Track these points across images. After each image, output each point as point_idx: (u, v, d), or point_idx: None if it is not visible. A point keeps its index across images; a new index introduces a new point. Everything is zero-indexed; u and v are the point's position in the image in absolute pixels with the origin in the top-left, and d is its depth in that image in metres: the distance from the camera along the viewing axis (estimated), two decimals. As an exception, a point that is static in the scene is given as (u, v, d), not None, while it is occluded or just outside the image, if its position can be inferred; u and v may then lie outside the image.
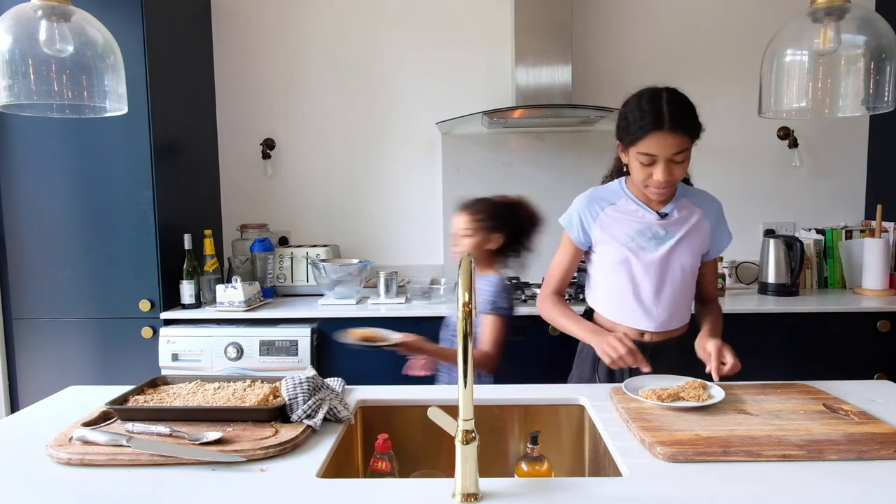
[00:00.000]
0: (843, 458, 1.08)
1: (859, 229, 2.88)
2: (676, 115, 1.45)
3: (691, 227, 1.59)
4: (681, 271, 1.58)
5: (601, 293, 1.67)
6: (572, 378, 1.74)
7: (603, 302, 1.67)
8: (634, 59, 3.00)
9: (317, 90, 3.07)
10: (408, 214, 3.11)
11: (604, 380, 1.62)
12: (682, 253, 1.58)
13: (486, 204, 1.93)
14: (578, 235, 1.64)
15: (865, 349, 2.46)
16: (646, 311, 1.59)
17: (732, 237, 1.69)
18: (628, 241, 1.58)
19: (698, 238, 1.60)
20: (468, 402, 0.96)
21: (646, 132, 1.45)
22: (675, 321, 1.61)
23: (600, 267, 1.65)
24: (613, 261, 1.60)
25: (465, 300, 0.96)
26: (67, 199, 2.50)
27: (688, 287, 1.62)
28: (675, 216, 1.59)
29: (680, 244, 1.58)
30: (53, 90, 1.36)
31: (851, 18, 1.34)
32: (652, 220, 1.59)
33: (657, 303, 1.58)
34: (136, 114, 2.37)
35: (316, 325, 2.51)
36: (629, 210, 1.60)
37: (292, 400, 1.25)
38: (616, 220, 1.60)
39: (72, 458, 1.10)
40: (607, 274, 1.63)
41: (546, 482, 1.04)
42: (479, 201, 1.94)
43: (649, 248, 1.57)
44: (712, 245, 1.65)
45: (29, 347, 2.57)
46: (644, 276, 1.58)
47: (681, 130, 1.45)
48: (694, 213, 1.61)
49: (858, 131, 3.01)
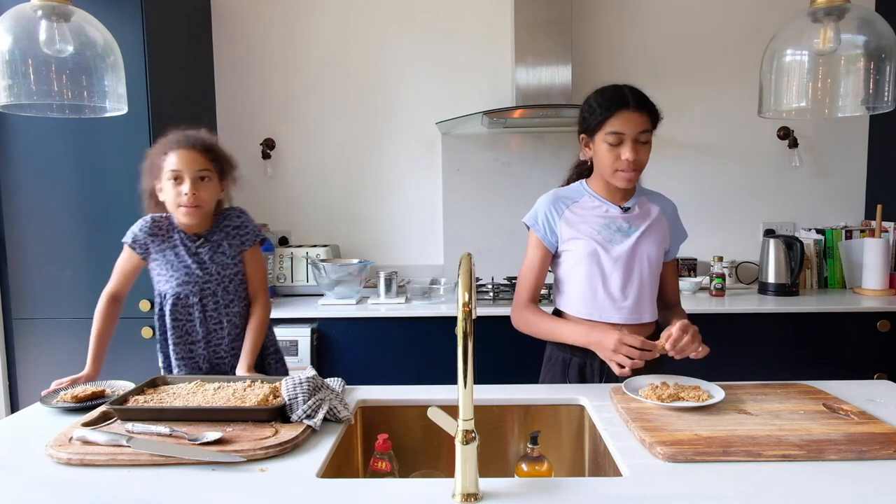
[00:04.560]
0: (843, 457, 1.08)
1: (859, 229, 2.88)
2: (639, 97, 1.55)
3: (653, 221, 1.64)
4: (647, 262, 1.61)
5: (571, 290, 1.65)
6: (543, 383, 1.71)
7: (573, 299, 1.65)
8: (634, 60, 3.00)
9: (317, 90, 3.07)
10: (408, 214, 3.12)
11: (575, 381, 1.62)
12: (648, 245, 1.61)
13: (212, 139, 1.70)
14: (545, 234, 1.64)
15: (865, 349, 2.46)
16: (614, 304, 1.60)
17: (688, 235, 1.75)
18: (595, 233, 1.61)
19: (660, 231, 1.65)
20: (468, 402, 0.96)
21: (612, 112, 1.53)
22: (646, 314, 1.63)
23: (569, 264, 1.64)
24: (582, 254, 1.61)
25: (465, 300, 0.96)
26: (67, 199, 2.50)
27: (654, 279, 1.65)
28: (637, 210, 1.64)
29: (644, 236, 1.61)
30: (53, 90, 1.36)
31: (851, 18, 1.34)
32: (616, 213, 1.63)
33: (626, 295, 1.60)
34: (136, 114, 2.37)
35: (316, 325, 2.51)
36: (593, 206, 1.64)
37: (292, 400, 1.25)
38: (581, 217, 1.63)
39: (72, 458, 1.10)
40: (576, 269, 1.63)
41: (546, 482, 1.04)
42: (200, 135, 1.68)
43: (616, 241, 1.60)
44: (671, 242, 1.69)
45: (29, 347, 2.57)
46: (613, 268, 1.59)
47: (645, 110, 1.53)
48: (652, 209, 1.66)
49: (858, 131, 3.01)
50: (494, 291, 2.66)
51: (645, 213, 1.64)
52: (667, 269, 1.71)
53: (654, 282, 1.65)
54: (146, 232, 1.69)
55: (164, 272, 1.70)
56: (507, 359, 2.46)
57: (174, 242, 1.69)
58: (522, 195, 2.99)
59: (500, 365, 2.45)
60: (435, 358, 2.43)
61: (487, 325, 2.46)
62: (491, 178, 3.02)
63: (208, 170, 1.64)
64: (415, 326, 2.50)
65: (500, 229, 3.03)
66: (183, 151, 1.62)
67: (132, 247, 1.70)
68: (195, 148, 1.63)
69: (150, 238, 1.69)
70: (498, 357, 2.44)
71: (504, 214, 3.02)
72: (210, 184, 1.65)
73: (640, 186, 1.70)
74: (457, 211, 3.05)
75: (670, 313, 1.69)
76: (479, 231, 3.04)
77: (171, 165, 1.62)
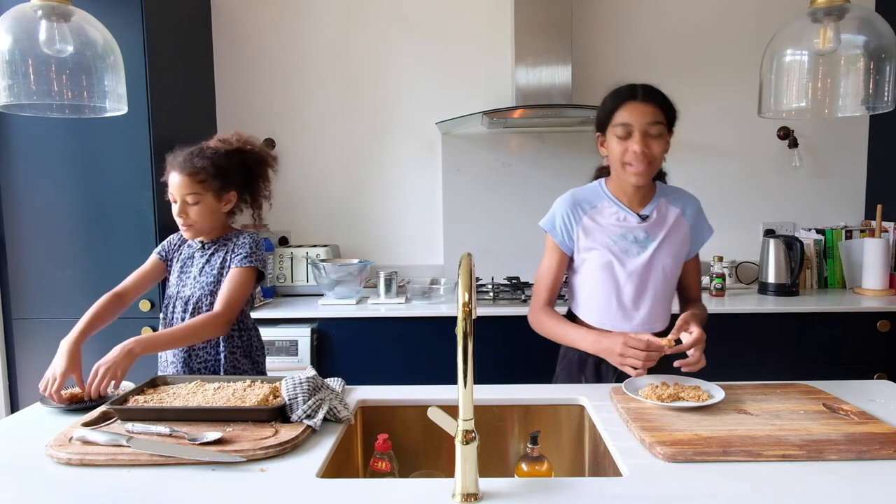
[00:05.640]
0: (842, 458, 1.08)
1: (859, 229, 2.88)
2: (649, 89, 1.54)
3: (671, 228, 1.61)
4: (662, 274, 1.60)
5: (584, 298, 1.66)
6: (557, 381, 1.72)
7: (585, 307, 1.66)
8: (634, 59, 3.00)
9: (317, 90, 3.08)
10: (408, 214, 3.12)
11: (591, 380, 1.62)
12: (664, 256, 1.59)
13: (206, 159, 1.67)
14: (563, 239, 1.64)
15: (865, 349, 2.46)
16: (626, 315, 1.60)
17: (713, 231, 1.70)
18: (611, 244, 1.59)
19: (679, 238, 1.62)
20: (468, 402, 0.96)
21: (619, 103, 1.54)
22: (658, 323, 1.62)
23: (584, 273, 1.65)
24: (596, 265, 1.60)
25: (465, 300, 0.96)
26: (67, 199, 2.50)
27: (669, 288, 1.64)
28: (655, 217, 1.61)
29: (661, 247, 1.59)
30: (53, 90, 1.36)
31: (851, 18, 1.34)
32: (633, 223, 1.60)
33: (638, 307, 1.60)
34: (136, 114, 2.37)
35: (316, 325, 2.51)
36: (610, 213, 1.62)
37: (292, 400, 1.25)
38: (599, 225, 1.61)
39: (72, 458, 1.10)
40: (590, 279, 1.63)
41: (546, 482, 1.04)
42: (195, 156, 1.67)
43: (632, 253, 1.59)
44: (693, 242, 1.66)
45: (29, 347, 2.57)
46: (626, 281, 1.59)
47: (653, 101, 1.52)
48: (672, 212, 1.63)
49: (858, 131, 3.01)
50: (494, 291, 2.65)
51: (663, 220, 1.61)
52: (687, 266, 1.68)
53: (669, 291, 1.64)
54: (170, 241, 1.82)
55: (172, 277, 1.77)
56: (507, 359, 2.46)
57: (192, 251, 1.78)
58: (522, 195, 3.00)
59: (500, 365, 2.45)
60: (435, 358, 2.43)
61: (487, 325, 2.46)
62: (491, 178, 3.02)
63: (196, 193, 1.65)
64: (415, 326, 2.50)
65: (500, 229, 3.03)
66: (173, 174, 1.67)
67: (159, 253, 1.80)
68: (183, 171, 1.65)
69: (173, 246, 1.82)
70: (498, 357, 2.45)
71: (504, 214, 3.02)
72: (201, 206, 1.67)
73: (660, 185, 1.66)
74: (457, 211, 3.05)
75: (688, 306, 1.68)
76: (479, 231, 3.04)
77: (169, 186, 1.68)
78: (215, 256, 1.73)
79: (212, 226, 1.72)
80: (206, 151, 1.69)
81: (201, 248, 1.76)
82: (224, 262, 1.72)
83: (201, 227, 1.70)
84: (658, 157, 1.54)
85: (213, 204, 1.69)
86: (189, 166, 1.65)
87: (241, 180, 1.76)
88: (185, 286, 1.72)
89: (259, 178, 1.80)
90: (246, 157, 1.76)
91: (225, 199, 1.72)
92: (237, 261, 1.69)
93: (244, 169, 1.76)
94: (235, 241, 1.73)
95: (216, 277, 1.70)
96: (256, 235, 1.77)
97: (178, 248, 1.80)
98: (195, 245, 1.77)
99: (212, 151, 1.69)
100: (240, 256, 1.69)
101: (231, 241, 1.74)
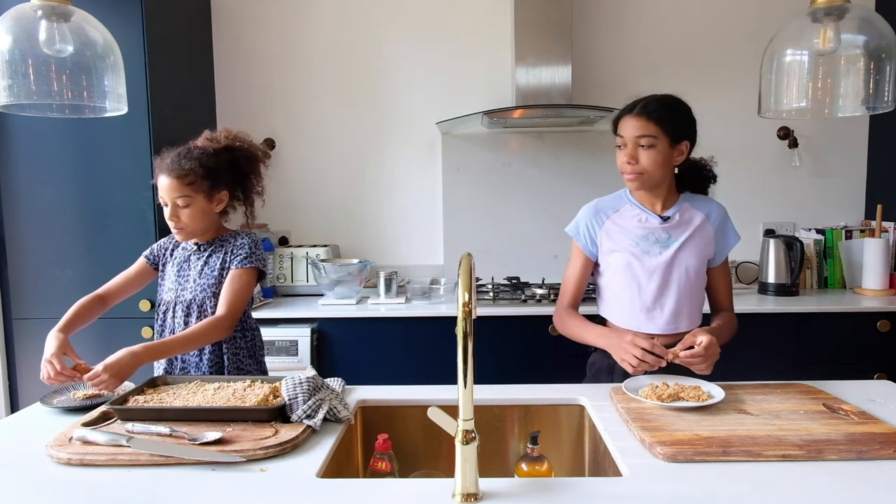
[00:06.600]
0: (842, 457, 1.08)
1: (859, 229, 2.88)
2: (647, 104, 1.56)
3: (695, 231, 1.62)
4: (686, 274, 1.60)
5: (610, 300, 1.70)
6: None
7: (612, 308, 1.69)
8: (634, 60, 3.00)
9: (317, 90, 3.07)
10: (408, 214, 3.11)
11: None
12: (687, 256, 1.60)
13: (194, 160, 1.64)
14: (587, 244, 1.69)
15: (865, 349, 2.46)
16: (649, 315, 1.61)
17: (740, 237, 1.71)
18: (632, 245, 1.62)
19: (703, 241, 1.63)
20: (468, 402, 0.96)
21: (619, 118, 1.61)
22: (684, 324, 1.62)
23: (607, 276, 1.68)
24: (618, 266, 1.63)
25: (465, 300, 0.96)
26: (67, 199, 2.50)
27: (694, 289, 1.63)
28: (677, 219, 1.63)
29: (684, 247, 1.60)
30: (53, 90, 1.36)
31: (851, 18, 1.34)
32: (655, 224, 1.62)
33: (660, 306, 1.60)
34: (136, 114, 2.37)
35: (316, 325, 2.51)
36: (632, 215, 1.65)
37: (292, 400, 1.25)
38: (621, 228, 1.65)
39: (72, 458, 1.10)
40: (613, 281, 1.66)
41: (546, 482, 1.04)
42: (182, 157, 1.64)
43: (653, 253, 1.61)
44: (718, 248, 1.66)
45: (29, 347, 2.56)
46: (647, 281, 1.60)
47: (646, 116, 1.55)
48: (697, 216, 1.64)
49: (858, 131, 3.01)
50: (494, 291, 2.65)
51: (686, 222, 1.63)
52: (713, 274, 1.69)
53: (695, 292, 1.63)
54: (161, 245, 1.80)
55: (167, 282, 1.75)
56: (507, 359, 2.46)
57: (187, 253, 1.75)
58: (522, 195, 3.00)
59: (500, 365, 2.45)
60: (435, 358, 2.43)
61: (487, 325, 2.46)
62: (491, 178, 3.02)
63: (186, 195, 1.63)
64: (415, 326, 2.50)
65: (500, 229, 3.03)
66: (162, 178, 1.64)
67: (147, 257, 1.78)
68: (171, 174, 1.62)
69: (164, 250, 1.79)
70: (498, 357, 2.45)
71: (504, 214, 3.02)
72: (192, 208, 1.64)
73: (687, 193, 1.69)
74: (457, 211, 3.05)
75: (716, 317, 1.69)
76: (479, 231, 3.04)
77: (158, 189, 1.67)
78: (213, 258, 1.72)
79: (205, 227, 1.70)
80: (194, 152, 1.66)
81: (197, 249, 1.74)
82: (224, 264, 1.70)
83: (194, 229, 1.68)
84: (649, 167, 1.56)
85: (204, 205, 1.67)
86: (177, 169, 1.62)
87: (232, 179, 1.73)
88: (185, 290, 1.70)
89: (250, 175, 1.77)
90: (235, 155, 1.73)
91: (216, 199, 1.70)
92: (237, 262, 1.68)
93: (234, 167, 1.73)
94: (234, 242, 1.72)
95: (217, 279, 1.69)
96: (254, 235, 1.76)
97: (170, 252, 1.77)
98: (190, 247, 1.75)
99: (199, 151, 1.66)
100: (240, 257, 1.68)
101: (229, 242, 1.73)
